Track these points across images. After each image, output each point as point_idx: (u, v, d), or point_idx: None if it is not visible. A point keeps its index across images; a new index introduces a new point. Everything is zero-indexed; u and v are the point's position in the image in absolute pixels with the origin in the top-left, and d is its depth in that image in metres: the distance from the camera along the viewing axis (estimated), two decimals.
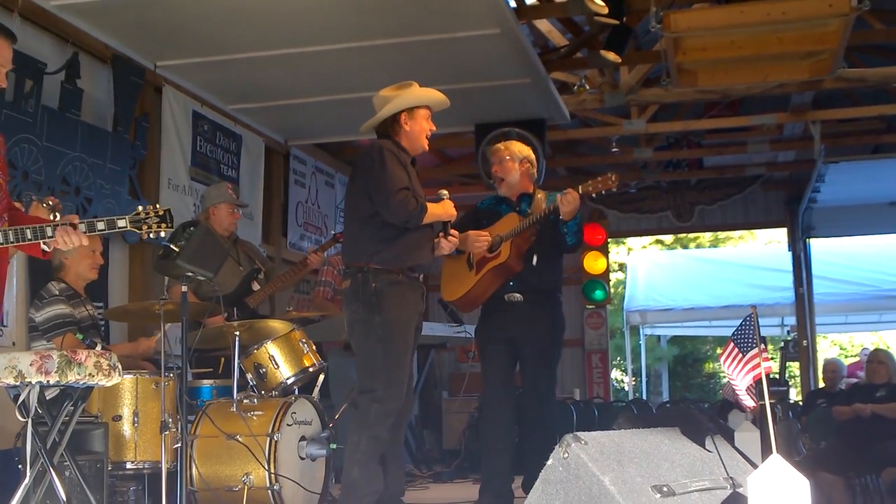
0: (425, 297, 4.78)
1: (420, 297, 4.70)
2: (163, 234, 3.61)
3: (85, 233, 3.44)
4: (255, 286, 5.98)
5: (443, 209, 4.67)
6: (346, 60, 6.68)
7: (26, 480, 3.18)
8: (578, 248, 5.55)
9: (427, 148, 4.83)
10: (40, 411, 3.19)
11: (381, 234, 4.54)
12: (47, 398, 3.24)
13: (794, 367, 12.32)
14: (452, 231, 4.87)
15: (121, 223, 3.49)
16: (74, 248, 3.51)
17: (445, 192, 4.79)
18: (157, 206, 3.59)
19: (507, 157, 5.39)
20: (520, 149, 5.48)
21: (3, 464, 4.23)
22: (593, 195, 5.06)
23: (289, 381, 5.05)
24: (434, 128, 4.81)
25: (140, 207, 3.59)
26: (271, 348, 5.05)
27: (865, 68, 8.22)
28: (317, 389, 5.26)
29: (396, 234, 4.55)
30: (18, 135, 5.51)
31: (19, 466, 3.50)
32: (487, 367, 5.36)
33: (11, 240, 3.35)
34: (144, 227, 3.52)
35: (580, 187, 5.00)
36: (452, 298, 5.30)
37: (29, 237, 3.37)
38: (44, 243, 3.43)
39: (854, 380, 10.84)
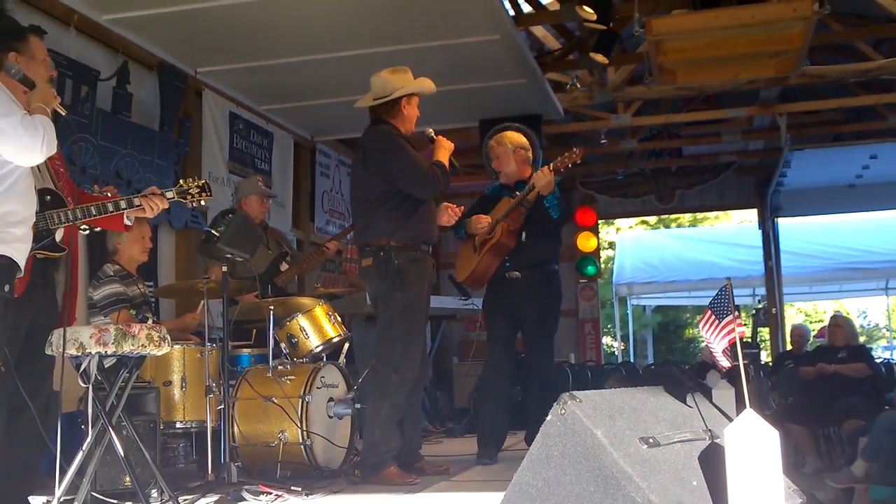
0: (435, 268, 4.72)
1: (432, 269, 4.65)
2: (203, 202, 3.62)
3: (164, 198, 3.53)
4: (283, 267, 5.99)
5: (444, 149, 4.59)
6: (365, 64, 6.62)
7: (89, 439, 3.20)
8: (566, 221, 5.36)
9: (413, 130, 4.69)
10: (100, 378, 3.21)
11: (398, 213, 4.47)
12: (105, 366, 3.25)
13: (765, 332, 12.36)
14: (454, 207, 4.85)
15: (168, 195, 3.53)
16: (154, 215, 3.56)
17: (430, 129, 4.71)
18: (195, 178, 3.62)
19: (502, 151, 5.36)
20: (511, 138, 5.40)
21: (69, 424, 4.25)
22: (561, 169, 4.99)
23: (317, 350, 5.06)
24: (419, 113, 4.69)
25: (181, 181, 3.61)
26: (302, 320, 5.06)
27: (826, 65, 8.18)
28: (342, 356, 5.27)
29: (412, 212, 4.49)
30: (77, 135, 5.52)
31: (82, 426, 3.53)
32: (491, 335, 5.39)
33: (94, 213, 3.39)
34: (189, 197, 3.56)
35: (550, 164, 5.00)
36: (463, 278, 5.29)
37: (111, 210, 3.41)
38: (127, 217, 3.50)
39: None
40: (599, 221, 12.66)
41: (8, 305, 2.80)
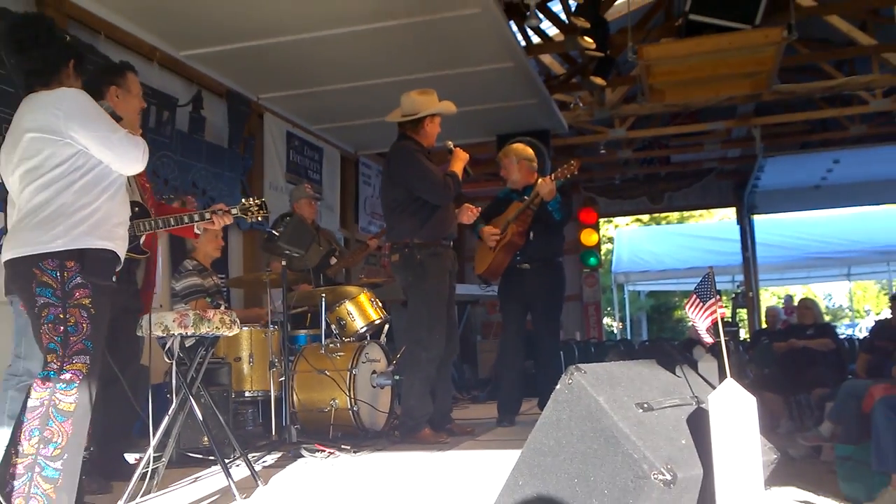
0: (456, 259, 4.71)
1: (453, 260, 4.64)
2: (259, 218, 3.64)
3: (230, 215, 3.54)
4: (333, 261, 6.02)
5: (460, 160, 4.57)
6: (399, 89, 6.60)
7: (173, 406, 3.24)
8: (567, 222, 5.29)
9: (434, 145, 4.67)
10: (181, 355, 3.23)
11: (419, 216, 4.48)
12: (186, 345, 3.28)
13: (743, 313, 12.27)
14: (473, 208, 4.84)
15: (233, 211, 3.55)
16: (221, 227, 3.59)
17: (450, 143, 4.68)
18: (255, 198, 3.63)
19: (507, 163, 5.34)
20: (515, 151, 5.37)
21: (156, 394, 4.31)
22: (562, 179, 4.97)
23: (362, 330, 5.08)
24: (440, 130, 4.67)
25: (243, 200, 3.64)
26: (349, 306, 5.09)
27: (794, 84, 8.09)
28: (383, 336, 5.29)
29: (430, 214, 4.49)
30: (160, 152, 5.57)
31: (167, 395, 3.57)
32: (505, 318, 5.37)
33: (172, 224, 3.44)
34: (249, 214, 3.59)
35: (551, 175, 4.98)
36: (481, 271, 5.29)
37: (186, 221, 3.46)
38: (196, 227, 3.53)
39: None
40: (600, 220, 12.61)
41: (110, 294, 2.83)
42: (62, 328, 2.60)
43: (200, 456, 3.95)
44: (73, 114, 2.64)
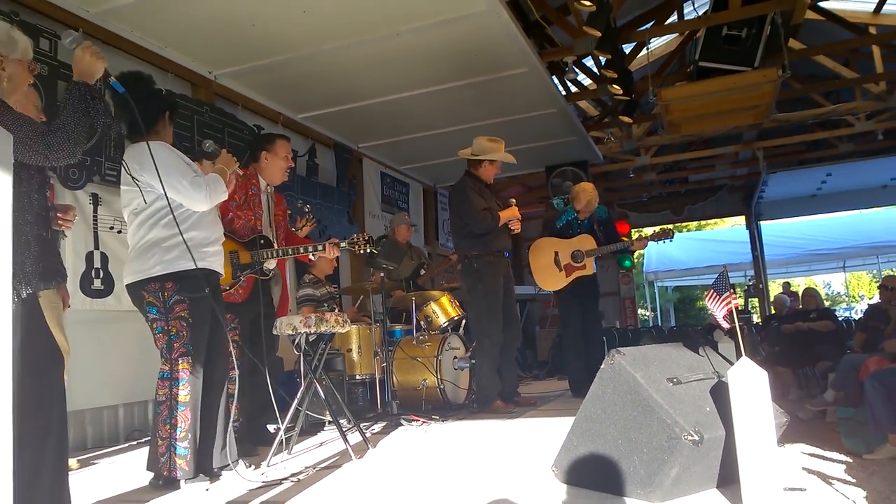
0: (509, 266, 4.67)
1: (505, 267, 4.60)
2: (366, 250, 3.54)
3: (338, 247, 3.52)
4: (422, 272, 6.06)
5: (511, 213, 4.54)
6: (469, 134, 6.71)
7: (302, 387, 3.31)
8: None
9: (491, 181, 4.67)
10: (307, 348, 3.30)
11: (475, 235, 4.49)
12: (310, 340, 3.35)
13: (755, 302, 11.82)
14: (518, 221, 4.77)
15: (343, 244, 3.51)
16: (335, 255, 3.55)
17: (513, 199, 4.67)
18: (364, 233, 3.55)
19: (591, 198, 5.17)
20: (591, 188, 5.29)
21: (290, 378, 4.42)
22: (656, 241, 4.90)
23: (445, 325, 5.09)
24: (499, 171, 4.66)
25: (354, 235, 3.63)
26: (433, 306, 5.11)
27: (790, 112, 7.81)
28: (462, 329, 5.30)
29: (483, 233, 4.49)
30: (285, 192, 5.72)
31: (297, 380, 3.65)
32: (566, 313, 5.26)
33: (290, 253, 3.47)
34: (356, 247, 3.55)
35: (649, 237, 4.93)
36: (552, 289, 5.12)
37: (301, 251, 3.47)
38: (311, 255, 3.52)
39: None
40: (632, 230, 12.38)
41: (213, 301, 2.70)
42: (167, 337, 2.61)
43: (323, 426, 4.02)
44: (146, 167, 2.56)
